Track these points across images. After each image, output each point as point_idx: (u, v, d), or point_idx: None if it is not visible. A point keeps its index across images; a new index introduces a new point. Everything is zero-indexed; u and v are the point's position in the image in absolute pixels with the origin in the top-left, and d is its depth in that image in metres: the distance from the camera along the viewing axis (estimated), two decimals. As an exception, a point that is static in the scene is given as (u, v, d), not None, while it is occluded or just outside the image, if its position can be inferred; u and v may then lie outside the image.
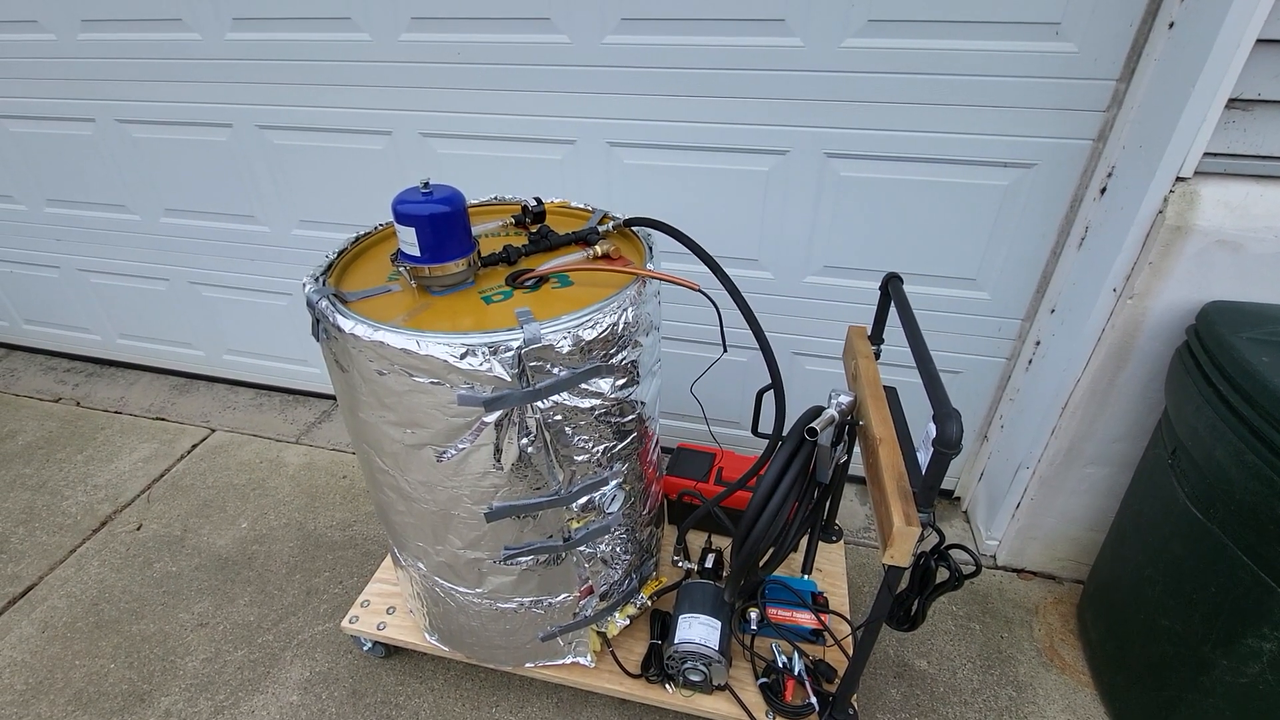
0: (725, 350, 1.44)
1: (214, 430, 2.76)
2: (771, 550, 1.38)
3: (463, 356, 1.07)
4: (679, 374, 2.31)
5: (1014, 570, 2.10)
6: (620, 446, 1.33)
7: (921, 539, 1.07)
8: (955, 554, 1.21)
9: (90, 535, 2.26)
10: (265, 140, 2.26)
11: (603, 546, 1.45)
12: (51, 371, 3.17)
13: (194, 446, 2.67)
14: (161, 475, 2.52)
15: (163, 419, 2.83)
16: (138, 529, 2.28)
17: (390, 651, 1.85)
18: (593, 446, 1.28)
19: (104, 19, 2.17)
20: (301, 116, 2.18)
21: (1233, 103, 1.35)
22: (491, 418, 1.14)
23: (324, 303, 1.17)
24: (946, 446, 0.97)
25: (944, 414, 0.97)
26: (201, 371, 3.05)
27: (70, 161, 2.54)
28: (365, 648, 1.83)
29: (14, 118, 2.50)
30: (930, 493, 1.06)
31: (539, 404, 1.16)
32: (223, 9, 2.04)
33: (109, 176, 2.53)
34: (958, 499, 2.37)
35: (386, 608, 1.78)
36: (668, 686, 1.57)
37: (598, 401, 1.23)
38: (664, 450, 1.89)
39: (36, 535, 2.26)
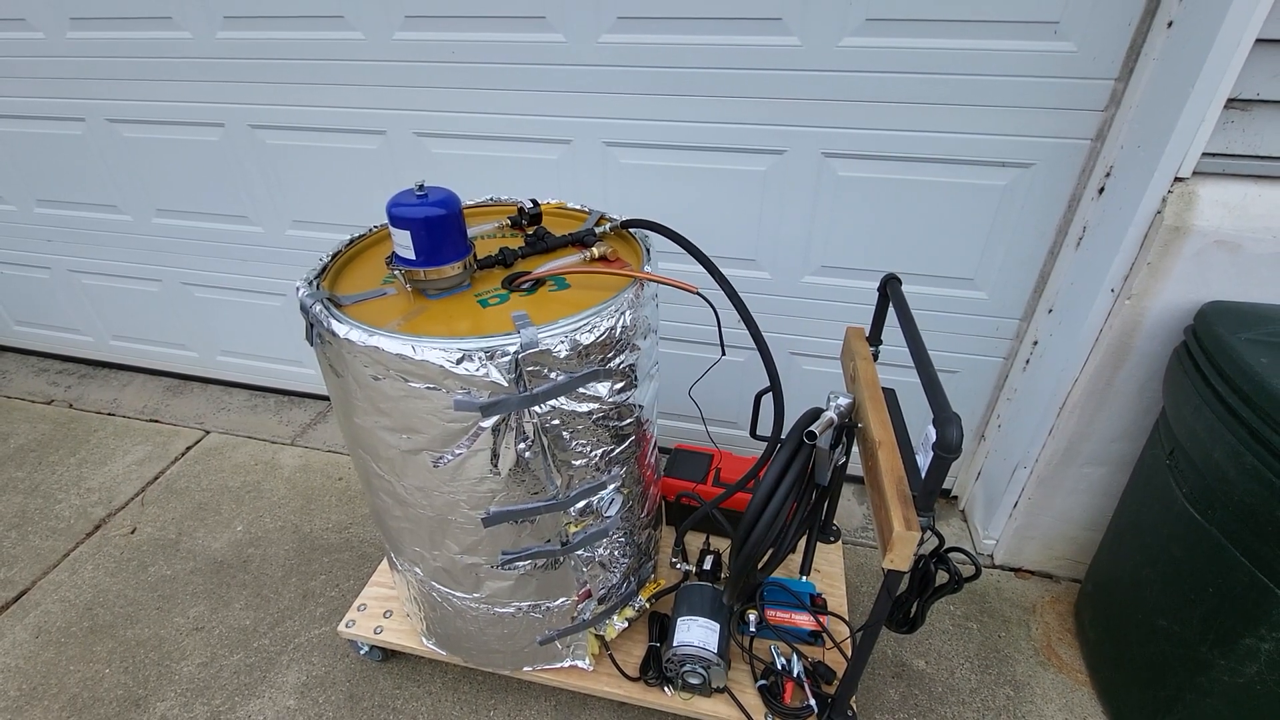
0: (724, 353, 1.44)
1: (208, 432, 2.74)
2: (770, 552, 1.38)
3: (459, 361, 1.06)
4: (677, 375, 2.30)
5: (1011, 569, 2.11)
6: (618, 450, 1.33)
7: (921, 542, 1.07)
8: (954, 556, 1.21)
9: (84, 539, 2.25)
10: (257, 140, 2.24)
11: (601, 550, 1.44)
12: (44, 373, 3.14)
13: (188, 449, 2.65)
14: (156, 478, 2.50)
15: (156, 421, 2.81)
16: (132, 532, 2.27)
17: (387, 655, 1.85)
18: (590, 451, 1.27)
19: (93, 17, 2.15)
20: (294, 116, 2.16)
21: (1232, 102, 1.34)
22: (488, 423, 1.13)
23: (318, 307, 1.16)
24: (947, 451, 0.97)
25: (944, 418, 0.97)
26: (195, 373, 3.02)
27: (60, 161, 2.51)
28: (362, 651, 1.82)
29: (3, 117, 2.47)
30: (930, 497, 1.05)
31: (536, 409, 1.15)
32: (213, 7, 2.02)
33: (100, 176, 2.50)
34: (955, 498, 2.37)
35: (383, 611, 1.77)
36: (666, 689, 1.57)
37: (595, 406, 1.22)
38: (662, 451, 1.89)
39: (29, 539, 2.25)
